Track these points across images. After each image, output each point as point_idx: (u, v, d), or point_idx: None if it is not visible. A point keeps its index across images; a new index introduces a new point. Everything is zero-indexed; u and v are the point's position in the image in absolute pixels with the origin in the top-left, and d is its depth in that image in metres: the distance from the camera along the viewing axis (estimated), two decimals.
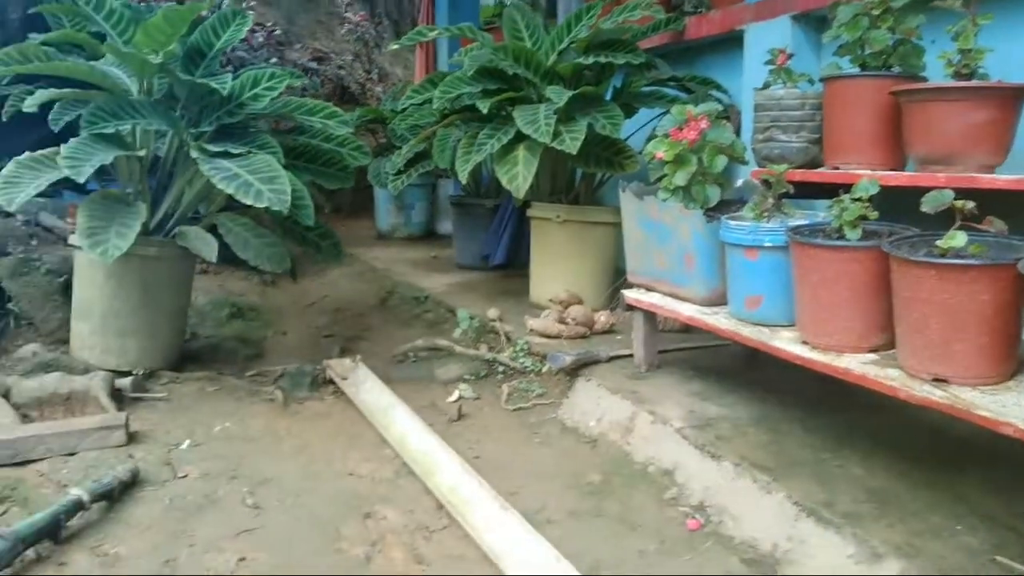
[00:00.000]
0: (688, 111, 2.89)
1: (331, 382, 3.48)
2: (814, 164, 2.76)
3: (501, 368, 3.53)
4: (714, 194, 2.84)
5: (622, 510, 2.37)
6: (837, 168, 2.63)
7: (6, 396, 3.00)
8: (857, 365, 2.22)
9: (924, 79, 2.55)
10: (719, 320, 2.72)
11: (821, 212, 2.69)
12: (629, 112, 4.08)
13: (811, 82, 2.86)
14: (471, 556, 2.18)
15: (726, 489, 2.32)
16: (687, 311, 2.86)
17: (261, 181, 3.11)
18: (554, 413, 3.12)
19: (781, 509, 2.15)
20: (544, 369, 3.39)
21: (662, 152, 2.88)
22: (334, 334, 4.28)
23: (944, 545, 1.92)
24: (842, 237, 2.32)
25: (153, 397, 3.18)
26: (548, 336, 3.63)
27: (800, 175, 2.69)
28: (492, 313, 3.91)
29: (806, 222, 2.58)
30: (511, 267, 5.11)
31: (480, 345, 3.76)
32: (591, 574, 2.02)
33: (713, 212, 2.84)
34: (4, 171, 3.10)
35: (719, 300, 2.84)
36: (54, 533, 2.19)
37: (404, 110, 4.86)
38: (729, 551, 2.14)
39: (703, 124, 2.85)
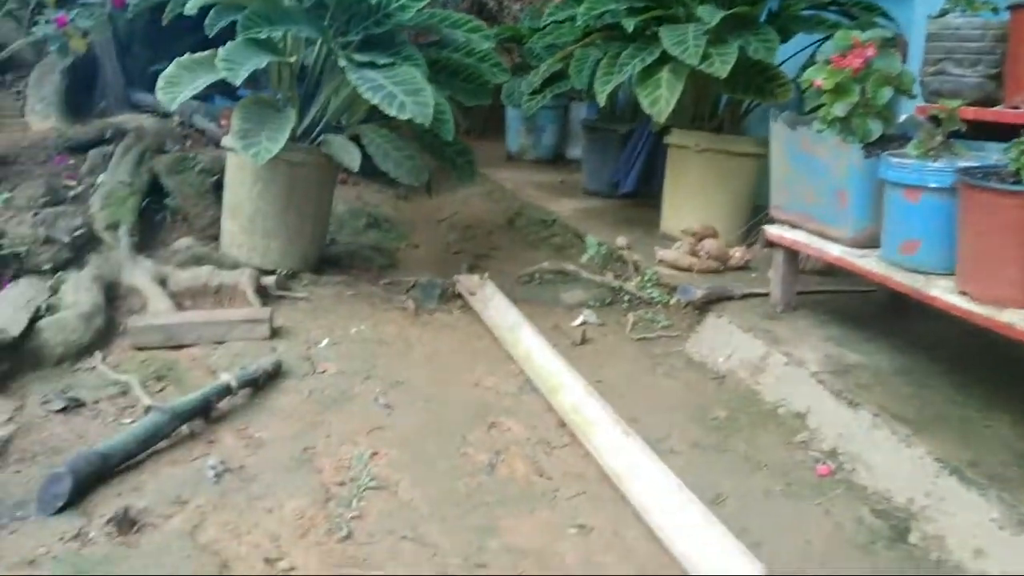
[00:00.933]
0: (854, 36, 2.68)
1: (459, 296, 3.55)
2: (990, 102, 2.52)
3: (627, 297, 3.50)
4: (875, 128, 2.65)
5: (748, 448, 2.33)
6: (1018, 108, 2.39)
7: (163, 284, 3.23)
8: (1022, 321, 2.06)
9: None
10: (869, 263, 2.58)
11: (994, 154, 2.46)
12: (784, 36, 3.84)
13: (995, 11, 2.59)
14: (591, 475, 2.21)
15: (862, 438, 2.23)
16: (835, 251, 2.72)
17: (405, 93, 3.14)
18: (680, 346, 3.07)
19: (920, 464, 2.05)
20: (672, 301, 3.32)
21: (821, 80, 2.69)
22: (463, 251, 4.35)
23: None
24: (1019, 182, 2.12)
25: (295, 296, 3.34)
26: (678, 268, 3.55)
27: (974, 113, 2.46)
28: (620, 241, 3.85)
29: (977, 164, 2.37)
30: (640, 196, 4.99)
31: (606, 272, 3.73)
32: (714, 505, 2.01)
33: (872, 147, 2.66)
34: (166, 72, 3.26)
35: (870, 242, 2.68)
36: (205, 412, 2.38)
37: (543, 28, 4.77)
38: (860, 501, 2.07)
39: (869, 51, 2.64)
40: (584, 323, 3.27)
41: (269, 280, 3.33)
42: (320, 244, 3.79)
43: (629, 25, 3.69)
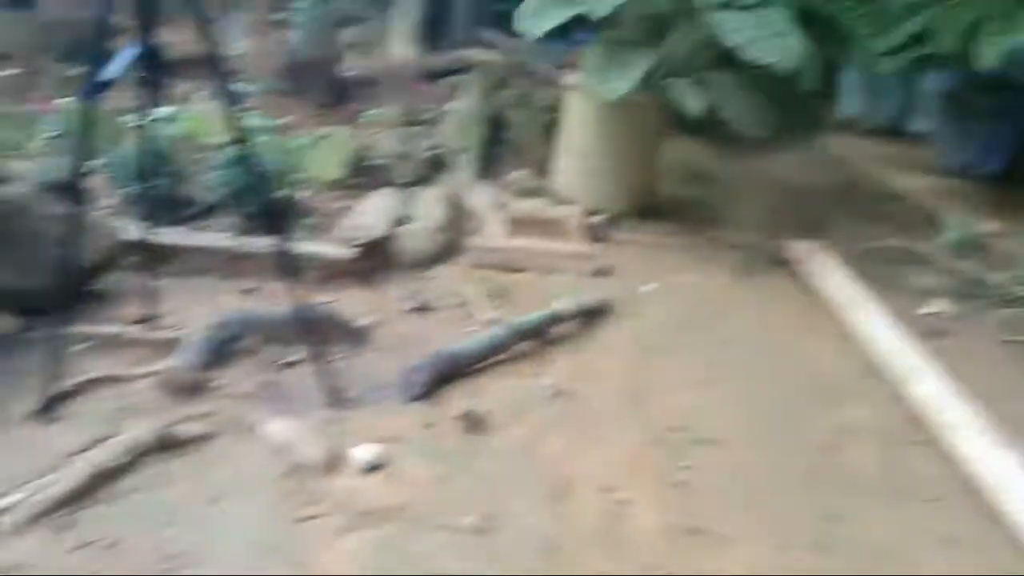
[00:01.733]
0: None
1: (785, 262, 3.31)
2: None
3: (993, 291, 3.03)
4: None
5: None
6: None
7: (500, 210, 3.36)
8: None
9: None
10: None
11: None
12: None
13: None
14: (950, 480, 1.95)
15: None
16: None
17: (769, 36, 2.94)
18: None
19: None
20: None
21: None
22: (788, 216, 4.05)
23: None
24: None
25: (619, 239, 3.32)
26: None
27: None
28: (988, 227, 3.35)
29: None
30: (1009, 177, 4.32)
31: (965, 260, 3.26)
32: None
33: None
34: (528, 3, 3.33)
35: None
36: (541, 334, 2.44)
37: None
38: None
39: None
40: (937, 313, 2.89)
41: (596, 219, 3.34)
42: (647, 191, 3.72)
43: None
